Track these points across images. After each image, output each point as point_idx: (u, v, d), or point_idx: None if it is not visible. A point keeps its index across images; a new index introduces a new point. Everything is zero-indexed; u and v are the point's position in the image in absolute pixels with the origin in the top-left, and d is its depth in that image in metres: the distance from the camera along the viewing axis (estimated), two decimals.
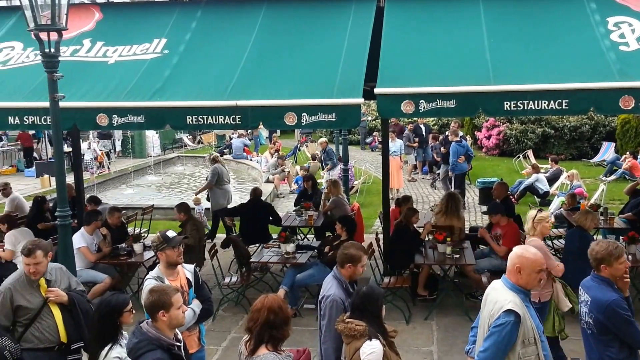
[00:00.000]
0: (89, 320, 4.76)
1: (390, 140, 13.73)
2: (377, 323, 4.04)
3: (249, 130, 25.53)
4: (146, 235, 9.83)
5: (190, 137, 28.91)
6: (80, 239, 7.87)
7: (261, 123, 7.00)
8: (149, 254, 8.30)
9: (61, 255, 5.73)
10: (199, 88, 7.08)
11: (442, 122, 24.32)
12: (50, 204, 10.18)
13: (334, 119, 6.52)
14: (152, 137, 24.73)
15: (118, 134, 25.09)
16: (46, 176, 18.56)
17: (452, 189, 13.44)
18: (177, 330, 3.84)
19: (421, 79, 6.53)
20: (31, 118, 7.07)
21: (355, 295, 4.15)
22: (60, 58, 5.88)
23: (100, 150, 21.92)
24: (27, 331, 4.53)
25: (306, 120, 6.58)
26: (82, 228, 8.14)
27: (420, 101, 6.26)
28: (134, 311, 4.11)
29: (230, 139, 24.99)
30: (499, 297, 3.71)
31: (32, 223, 9.43)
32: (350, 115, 6.49)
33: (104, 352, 3.89)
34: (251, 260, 8.40)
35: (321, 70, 7.09)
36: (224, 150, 23.95)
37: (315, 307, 8.06)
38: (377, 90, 6.39)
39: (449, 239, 8.04)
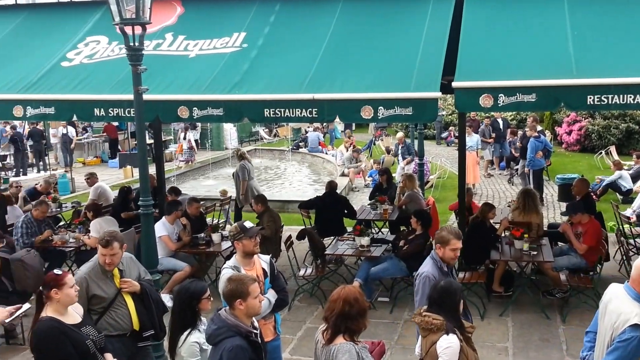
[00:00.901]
0: (159, 308, 4.93)
1: (466, 135, 13.41)
2: (455, 318, 3.98)
3: (324, 124, 25.63)
4: (224, 226, 10.03)
5: (267, 130, 29.33)
6: (161, 228, 8.12)
7: (337, 116, 6.99)
8: (226, 244, 8.47)
9: (144, 243, 5.92)
10: (276, 81, 7.13)
11: (521, 116, 23.53)
12: (133, 194, 10.58)
13: (410, 113, 6.42)
14: (229, 130, 25.24)
15: (197, 127, 25.74)
16: (128, 167, 19.31)
17: (530, 185, 12.99)
18: (253, 318, 3.88)
19: (500, 72, 6.33)
20: (115, 110, 7.34)
21: (432, 289, 4.13)
22: (143, 52, 6.05)
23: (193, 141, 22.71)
24: (101, 319, 4.67)
25: (382, 114, 6.51)
26: (164, 217, 8.40)
27: (500, 95, 6.08)
28: (211, 298, 4.18)
29: (306, 132, 25.16)
30: (623, 308, 3.60)
31: (116, 212, 9.82)
32: (427, 109, 6.37)
33: (183, 337, 3.99)
34: (326, 252, 8.42)
35: (398, 63, 6.99)
36: (300, 144, 24.13)
37: (388, 301, 8.05)
38: (455, 84, 6.23)
39: (526, 236, 7.84)
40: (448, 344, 3.81)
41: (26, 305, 4.80)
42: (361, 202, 13.26)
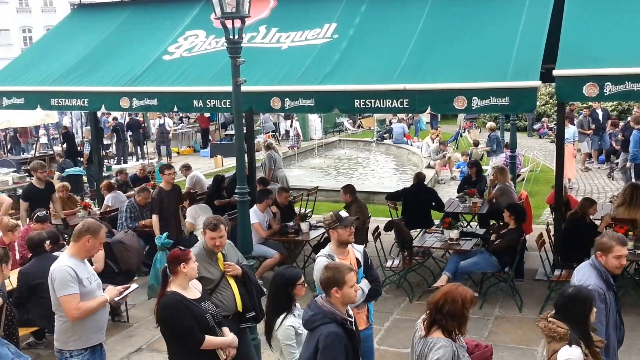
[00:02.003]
0: (257, 291, 5.10)
1: None
2: (582, 329, 3.74)
3: (410, 115, 25.36)
4: (310, 215, 10.19)
5: (351, 121, 29.38)
6: (253, 216, 8.34)
7: (429, 107, 6.93)
8: (314, 233, 8.63)
9: (240, 229, 6.13)
10: (367, 72, 7.16)
11: (622, 107, 22.29)
12: (225, 183, 10.93)
13: (506, 103, 6.26)
14: (314, 121, 25.51)
15: (281, 118, 26.18)
16: (219, 156, 19.96)
17: (633, 180, 12.31)
18: (348, 306, 3.95)
19: (607, 60, 6.03)
20: (213, 101, 7.62)
21: (560, 296, 3.95)
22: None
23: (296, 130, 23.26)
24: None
25: (477, 105, 6.39)
26: (255, 205, 8.64)
27: (606, 83, 5.78)
28: (306, 284, 4.29)
29: (391, 123, 25.00)
30: None
31: (210, 199, 10.20)
32: (525, 99, 6.20)
33: (279, 321, 4.12)
34: (413, 244, 8.39)
35: (494, 52, 6.83)
36: (384, 135, 24.03)
37: (478, 296, 7.90)
38: (556, 72, 6.01)
39: (630, 233, 7.42)
40: (569, 355, 3.63)
41: (134, 286, 5.13)
42: (447, 194, 13.07)
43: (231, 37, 5.79)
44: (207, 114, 23.44)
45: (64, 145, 17.67)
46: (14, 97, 8.62)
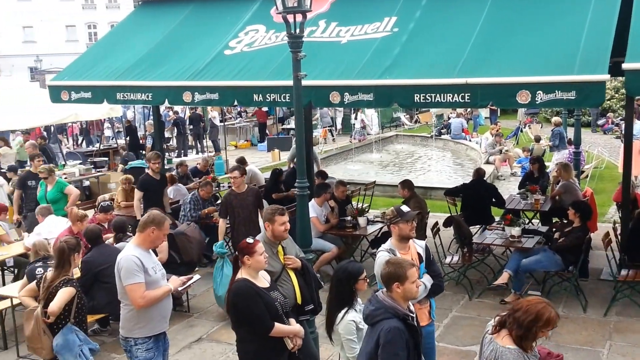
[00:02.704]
0: (316, 285, 5.13)
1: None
2: None
3: (468, 110, 24.94)
4: (368, 210, 10.17)
5: (408, 116, 29.12)
6: (311, 210, 8.36)
7: (491, 101, 6.79)
8: (372, 228, 8.59)
9: (299, 223, 6.17)
10: (427, 66, 7.06)
11: None
12: (283, 177, 11.03)
13: (573, 97, 6.06)
14: (371, 116, 25.40)
15: (340, 112, 26.21)
16: (276, 150, 20.15)
17: None
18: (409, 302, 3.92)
19: None
20: (272, 95, 7.67)
21: None
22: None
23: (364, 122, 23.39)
24: None
25: (541, 99, 6.22)
26: (313, 199, 8.68)
27: None
28: (368, 279, 4.28)
29: (449, 118, 24.65)
30: None
31: (268, 193, 10.31)
32: (592, 94, 5.98)
33: (340, 315, 4.13)
34: (473, 240, 8.25)
35: (560, 45, 6.62)
36: (442, 130, 23.71)
37: (540, 295, 7.71)
38: (626, 65, 5.79)
39: None
40: None
41: (196, 276, 5.24)
42: (507, 190, 12.80)
43: (292, 31, 5.82)
44: (265, 109, 23.71)
45: (127, 139, 18.21)
46: (81, 91, 8.92)
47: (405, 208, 4.82)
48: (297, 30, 5.83)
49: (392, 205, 9.81)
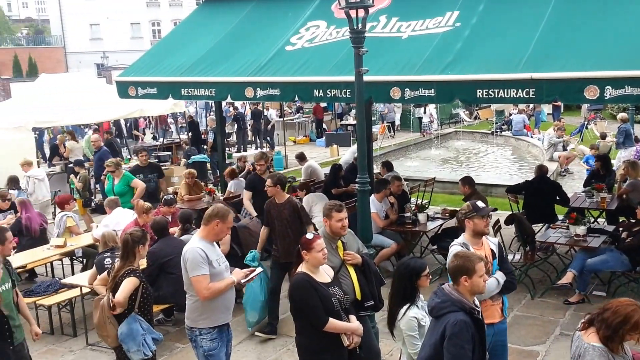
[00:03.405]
0: (377, 281, 5.13)
1: None
2: None
3: (530, 106, 24.31)
4: (427, 206, 10.08)
5: (467, 112, 28.63)
6: (371, 205, 8.38)
7: (557, 97, 6.62)
8: (431, 224, 8.52)
9: (359, 218, 6.19)
10: (491, 61, 6.95)
11: None
12: (342, 172, 11.06)
13: None
14: (429, 112, 25.10)
15: (398, 108, 26.01)
16: (335, 146, 20.21)
17: None
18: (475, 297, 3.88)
19: None
20: (333, 91, 7.71)
21: None
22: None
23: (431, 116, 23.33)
24: None
25: (610, 94, 6.05)
26: (372, 195, 8.67)
27: None
28: (430, 276, 4.26)
29: (510, 114, 24.09)
30: None
31: (327, 188, 10.37)
32: None
33: (402, 311, 4.13)
34: (536, 239, 8.06)
35: (630, 38, 6.42)
36: (503, 127, 23.21)
37: (605, 295, 7.48)
38: None
39: None
40: None
41: (259, 269, 5.34)
42: (571, 188, 12.44)
43: (355, 27, 5.84)
44: (323, 104, 23.81)
45: (189, 134, 18.63)
46: (147, 87, 9.18)
47: (480, 203, 4.80)
48: (360, 26, 5.84)
49: (452, 202, 9.71)
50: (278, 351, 6.65)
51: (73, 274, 8.71)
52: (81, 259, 9.04)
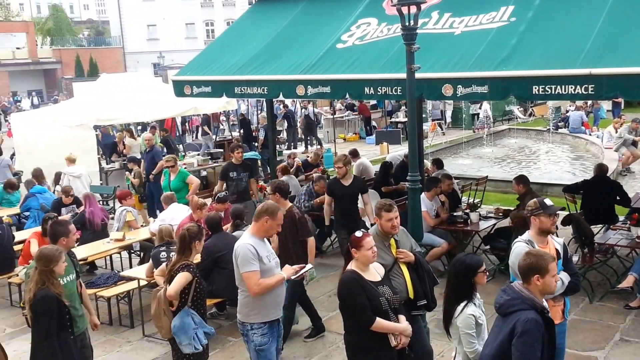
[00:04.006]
0: (430, 279, 5.08)
1: None
2: None
3: (589, 103, 23.55)
4: (479, 205, 9.91)
5: (521, 109, 27.95)
6: (421, 204, 8.32)
7: (618, 93, 6.41)
8: (484, 224, 8.37)
9: (410, 217, 6.16)
10: (547, 56, 6.79)
11: None
12: (393, 170, 10.99)
13: None
14: (484, 109, 24.65)
15: (449, 105, 25.65)
16: (384, 143, 20.10)
17: None
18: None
19: None
20: (384, 89, 7.68)
21: None
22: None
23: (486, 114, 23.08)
24: None
25: None
26: (423, 193, 8.58)
27: None
28: (487, 272, 4.20)
29: (567, 111, 23.40)
30: None
31: (377, 185, 10.33)
32: None
33: (459, 309, 4.07)
34: (595, 240, 7.81)
35: None
36: (559, 124, 22.57)
37: None
38: None
39: None
40: None
41: (308, 266, 5.36)
42: (632, 188, 12.03)
43: (407, 23, 5.81)
44: (372, 102, 23.71)
45: (241, 131, 18.88)
46: (202, 85, 9.36)
47: (548, 201, 4.71)
48: (411, 23, 5.80)
49: (506, 201, 9.53)
50: (327, 348, 6.67)
51: (131, 267, 8.97)
52: (139, 253, 9.31)
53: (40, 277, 4.76)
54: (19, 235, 9.11)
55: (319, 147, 20.10)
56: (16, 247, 8.66)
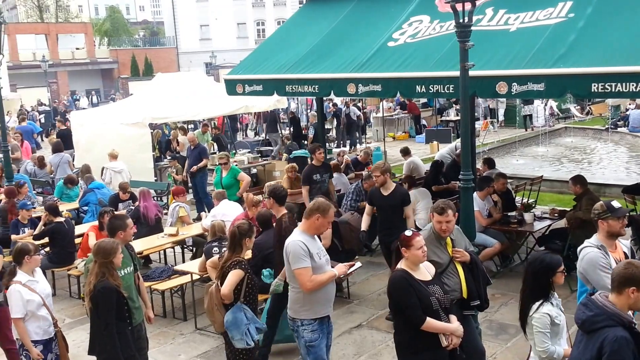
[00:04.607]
0: (484, 280, 5.01)
1: None
2: None
3: None
4: (534, 205, 9.70)
5: (579, 107, 27.17)
6: (473, 203, 8.19)
7: None
8: (539, 225, 8.19)
9: (462, 216, 6.08)
10: (608, 53, 6.60)
11: None
12: (444, 168, 10.88)
13: None
14: (536, 108, 24.09)
15: (502, 103, 25.16)
16: (435, 142, 19.89)
17: None
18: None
19: None
20: (435, 87, 7.59)
21: None
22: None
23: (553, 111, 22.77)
24: None
25: None
26: (475, 193, 8.45)
27: None
28: (565, 272, 4.11)
29: (627, 110, 22.63)
30: None
31: (428, 184, 10.24)
32: None
33: (534, 307, 3.99)
34: None
35: None
36: (618, 123, 21.85)
37: None
38: None
39: None
40: None
41: (358, 264, 5.36)
42: None
43: (461, 20, 5.73)
44: (422, 100, 23.48)
45: (291, 129, 19.01)
46: (254, 84, 9.47)
47: (615, 204, 4.58)
48: (466, 19, 5.72)
49: (562, 202, 9.30)
50: (377, 347, 6.66)
51: (183, 261, 9.17)
52: (191, 247, 9.51)
53: (100, 269, 4.92)
54: (77, 229, 9.44)
55: (367, 145, 20.06)
56: (75, 241, 8.99)
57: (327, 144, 18.49)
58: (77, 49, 53.46)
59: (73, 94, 45.15)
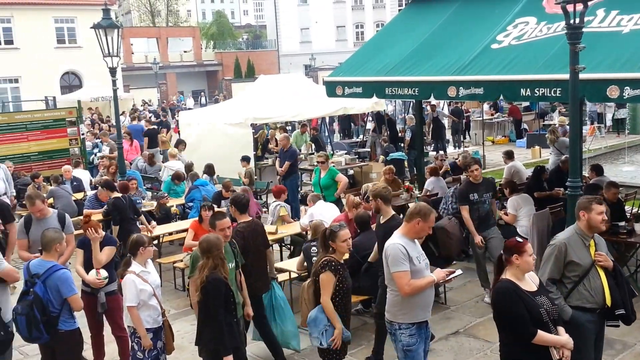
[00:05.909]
0: (629, 291, 4.82)
1: None
2: None
3: None
4: None
5: None
6: None
7: None
8: None
9: (568, 225, 5.84)
10: None
11: None
12: (546, 174, 10.49)
13: None
14: None
15: (609, 108, 23.83)
16: (537, 147, 19.18)
17: None
18: None
19: None
20: (541, 90, 7.37)
21: None
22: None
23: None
24: (575, 288, 4.78)
25: None
26: None
27: None
28: None
29: None
30: None
31: (530, 190, 9.92)
32: None
33: None
34: None
35: None
36: None
37: None
38: None
39: None
40: None
41: (458, 271, 5.30)
42: None
43: (572, 21, 5.54)
44: (524, 104, 22.73)
45: (387, 131, 18.97)
46: (354, 86, 9.59)
47: None
48: (577, 21, 5.53)
49: None
50: (475, 355, 6.55)
51: (281, 259, 9.40)
52: (289, 246, 9.74)
53: (214, 262, 5.14)
54: (181, 225, 9.91)
55: (465, 149, 19.67)
56: (181, 235, 9.46)
57: (424, 147, 18.36)
58: (185, 51, 56.03)
59: (181, 94, 47.42)
